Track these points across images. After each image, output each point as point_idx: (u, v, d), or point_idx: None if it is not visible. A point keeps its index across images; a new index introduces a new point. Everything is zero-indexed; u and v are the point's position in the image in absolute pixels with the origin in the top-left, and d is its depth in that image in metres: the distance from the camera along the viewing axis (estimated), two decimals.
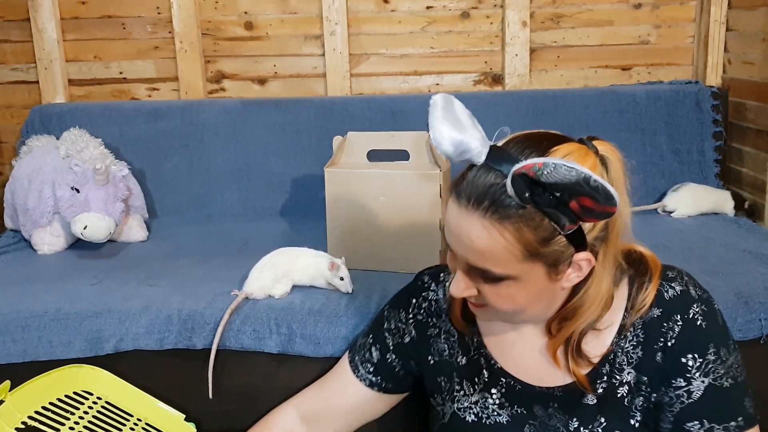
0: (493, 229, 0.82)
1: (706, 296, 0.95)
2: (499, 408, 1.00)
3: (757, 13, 2.01)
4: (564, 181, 0.76)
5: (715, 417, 0.92)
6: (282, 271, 1.50)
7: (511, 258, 0.83)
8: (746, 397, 0.93)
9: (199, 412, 1.39)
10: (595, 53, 2.29)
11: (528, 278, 0.85)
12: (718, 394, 0.91)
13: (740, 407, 0.92)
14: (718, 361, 0.92)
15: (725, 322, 0.95)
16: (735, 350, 0.94)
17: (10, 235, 2.02)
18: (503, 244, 0.83)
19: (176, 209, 2.17)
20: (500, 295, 0.88)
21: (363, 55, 2.31)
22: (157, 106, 2.22)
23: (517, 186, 0.79)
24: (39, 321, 1.43)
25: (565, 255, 0.84)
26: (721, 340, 0.93)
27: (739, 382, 0.93)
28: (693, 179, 2.08)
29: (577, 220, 0.81)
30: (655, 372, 0.93)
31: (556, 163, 0.75)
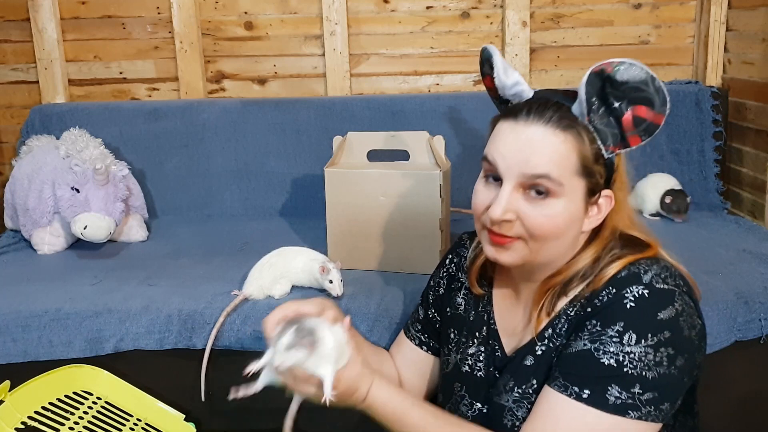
0: (556, 135, 0.90)
1: (664, 289, 0.88)
2: (483, 365, 1.04)
3: (757, 13, 2.01)
4: (634, 79, 0.87)
5: (566, 373, 0.88)
6: (280, 272, 1.50)
7: (567, 167, 0.90)
8: (618, 386, 0.85)
9: (199, 412, 1.39)
10: (595, 53, 2.29)
11: (570, 198, 0.91)
12: (587, 360, 0.87)
13: (599, 386, 0.85)
14: (615, 339, 0.86)
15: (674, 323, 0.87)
16: (654, 347, 0.85)
17: (10, 235, 2.02)
18: (565, 151, 0.90)
19: (176, 209, 2.17)
20: (543, 214, 0.90)
21: (363, 55, 2.31)
22: (157, 106, 2.22)
23: (589, 86, 0.89)
24: (39, 321, 1.43)
25: (600, 185, 0.92)
26: (638, 326, 0.86)
27: (624, 371, 0.85)
28: (693, 179, 2.08)
29: (620, 142, 0.91)
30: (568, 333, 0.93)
31: (631, 61, 0.87)
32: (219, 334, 1.41)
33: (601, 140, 0.90)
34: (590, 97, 0.89)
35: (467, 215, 1.85)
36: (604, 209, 0.94)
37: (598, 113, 0.90)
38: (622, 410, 0.84)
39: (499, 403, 0.97)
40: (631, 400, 0.84)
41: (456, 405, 1.07)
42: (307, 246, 1.59)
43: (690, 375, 0.89)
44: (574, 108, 0.91)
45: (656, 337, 0.86)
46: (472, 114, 2.11)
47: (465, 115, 2.10)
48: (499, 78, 0.98)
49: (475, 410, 1.03)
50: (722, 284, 1.44)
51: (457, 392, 1.07)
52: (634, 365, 0.85)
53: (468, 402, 1.05)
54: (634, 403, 0.84)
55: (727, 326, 1.38)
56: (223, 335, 1.41)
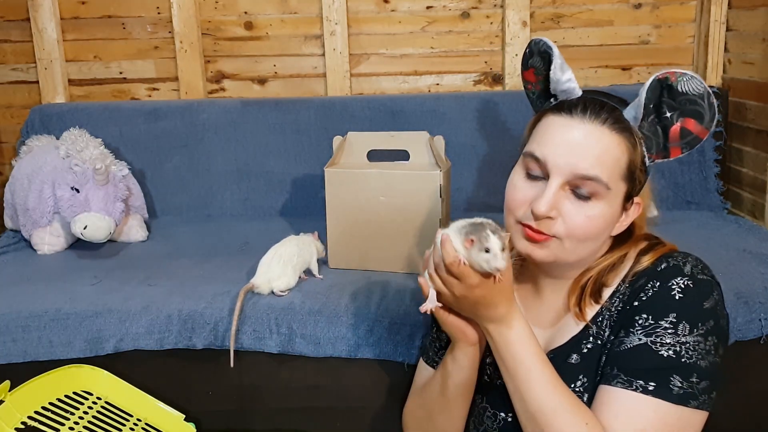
0: (611, 137, 0.91)
1: (705, 280, 0.91)
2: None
3: (757, 13, 2.01)
4: (693, 92, 0.90)
5: (627, 368, 0.88)
6: (285, 261, 1.51)
7: (615, 170, 0.91)
8: (679, 376, 0.86)
9: (199, 412, 1.39)
10: (595, 53, 2.29)
11: (612, 200, 0.92)
12: (647, 354, 0.87)
13: (662, 377, 0.86)
14: (670, 331, 0.87)
15: (716, 311, 0.90)
16: (704, 336, 0.87)
17: (10, 235, 2.02)
18: (616, 154, 0.91)
19: (176, 209, 2.17)
20: (585, 215, 0.91)
21: (363, 55, 2.31)
22: (157, 106, 2.22)
23: (651, 91, 0.91)
24: (39, 321, 1.43)
25: (636, 190, 0.94)
26: (690, 317, 0.88)
27: (682, 361, 0.86)
28: (693, 179, 2.08)
29: (662, 152, 0.93)
30: (615, 328, 0.93)
31: (693, 75, 0.90)
32: (219, 335, 1.41)
33: (647, 147, 0.93)
34: (648, 103, 0.91)
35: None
36: (632, 215, 0.96)
37: (649, 120, 0.92)
38: (685, 400, 0.86)
39: None
40: (690, 389, 0.86)
41: (480, 419, 1.05)
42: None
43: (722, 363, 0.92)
44: (626, 112, 0.92)
45: (705, 326, 0.88)
46: (472, 114, 2.11)
47: (465, 115, 2.10)
48: (555, 71, 0.96)
49: (500, 420, 1.01)
50: (722, 284, 1.43)
51: (478, 405, 1.05)
52: (690, 355, 0.87)
53: (491, 413, 1.02)
54: (693, 392, 0.86)
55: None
56: (222, 335, 1.41)
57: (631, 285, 0.94)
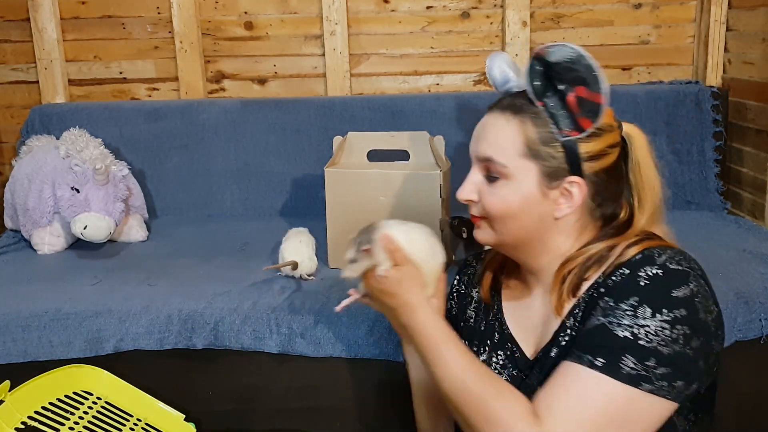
0: (505, 120, 0.96)
1: (679, 270, 0.88)
2: (501, 368, 1.04)
3: (757, 13, 2.01)
4: (565, 59, 0.92)
5: (581, 344, 0.88)
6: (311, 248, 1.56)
7: (512, 150, 0.95)
8: (633, 358, 0.84)
9: (199, 412, 1.39)
10: (595, 53, 2.24)
11: (521, 179, 0.95)
12: (603, 334, 0.86)
13: (614, 355, 0.85)
14: (629, 312, 0.86)
15: (690, 301, 0.86)
16: (670, 323, 0.85)
17: (10, 235, 2.02)
18: (509, 134, 0.95)
19: (176, 209, 2.17)
20: (495, 195, 0.97)
21: (363, 55, 2.31)
22: (157, 106, 2.22)
23: (532, 73, 0.94)
24: (39, 321, 1.43)
25: (560, 169, 0.94)
26: (653, 302, 0.85)
27: (638, 343, 0.84)
28: (693, 179, 2.08)
29: (574, 126, 0.92)
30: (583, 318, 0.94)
31: (562, 44, 0.92)
32: (219, 335, 1.41)
33: (555, 123, 0.93)
34: (533, 81, 0.94)
35: None
36: (576, 198, 0.95)
37: (550, 97, 0.94)
38: (636, 381, 0.84)
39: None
40: (645, 372, 0.84)
41: None
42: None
43: (707, 360, 0.88)
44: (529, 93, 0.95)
45: (672, 314, 0.85)
46: (472, 114, 2.09)
47: (465, 115, 2.10)
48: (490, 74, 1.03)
49: None
50: (722, 284, 1.44)
51: None
52: (650, 339, 0.84)
53: None
54: (648, 375, 0.84)
55: (728, 326, 1.36)
56: (222, 335, 1.41)
57: (609, 276, 0.93)
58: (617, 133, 0.97)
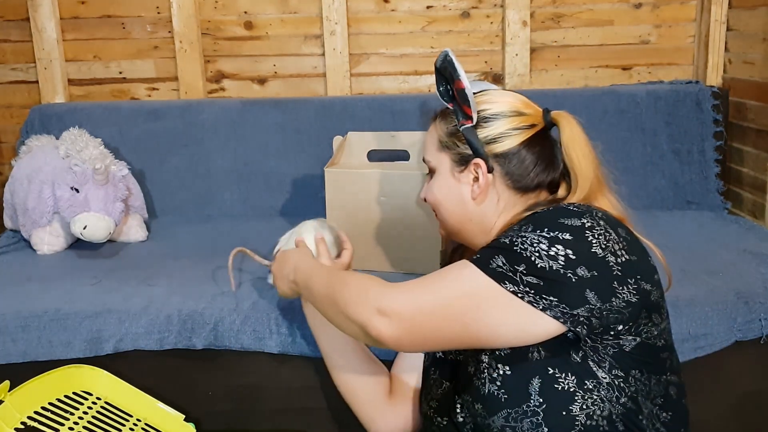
0: (432, 125, 1.13)
1: (572, 209, 0.91)
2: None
3: (757, 12, 2.01)
4: (439, 62, 1.06)
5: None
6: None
7: (431, 147, 1.11)
8: (503, 258, 0.87)
9: (199, 412, 1.39)
10: (595, 53, 2.29)
11: (440, 171, 1.09)
12: (488, 246, 0.93)
13: (488, 253, 0.89)
14: (514, 229, 0.92)
15: (582, 233, 0.88)
16: (549, 240, 0.87)
17: (9, 235, 2.02)
18: (430, 135, 1.12)
19: (176, 209, 2.17)
20: (428, 188, 1.12)
21: (363, 55, 2.31)
22: (157, 106, 2.22)
23: (437, 81, 1.09)
24: (39, 321, 1.43)
25: (465, 155, 1.05)
26: (537, 222, 0.90)
27: (514, 249, 0.87)
28: (693, 179, 2.08)
29: (464, 116, 1.04)
30: None
31: (444, 50, 1.05)
32: (219, 335, 1.41)
33: (456, 117, 1.07)
34: (439, 87, 1.10)
35: None
36: (482, 178, 1.04)
37: (451, 96, 1.08)
38: (500, 277, 0.86)
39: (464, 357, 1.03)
40: (511, 273, 0.86)
41: (430, 388, 1.12)
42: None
43: (604, 299, 0.86)
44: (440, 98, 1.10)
45: (553, 233, 0.88)
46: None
47: None
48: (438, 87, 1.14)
49: (444, 388, 1.08)
50: (722, 284, 1.44)
51: (431, 376, 1.13)
52: (525, 247, 0.87)
53: (438, 381, 1.10)
54: (514, 278, 0.86)
55: (727, 326, 1.38)
56: (222, 335, 1.41)
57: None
58: (529, 117, 1.04)
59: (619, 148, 2.04)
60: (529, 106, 1.07)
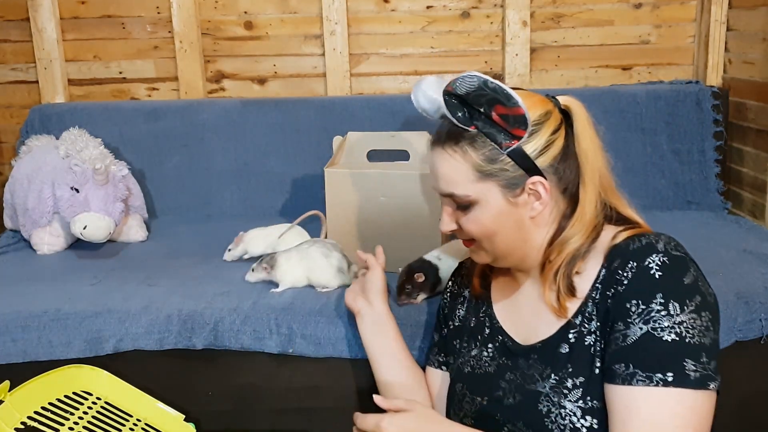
0: (448, 154, 0.99)
1: (678, 255, 0.92)
2: (490, 360, 1.06)
3: (757, 12, 2.01)
4: (471, 89, 0.92)
5: (642, 364, 0.88)
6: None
7: (466, 179, 0.98)
8: (691, 359, 0.86)
9: (199, 412, 1.39)
10: (595, 53, 2.29)
11: (486, 200, 0.98)
12: (654, 344, 0.88)
13: (675, 364, 0.86)
14: (663, 313, 0.88)
15: (698, 287, 0.90)
16: (696, 312, 0.88)
17: (9, 235, 2.02)
18: (457, 167, 0.98)
19: (176, 209, 2.17)
20: (470, 221, 1.00)
21: (363, 55, 2.31)
22: (157, 106, 2.22)
23: (450, 107, 0.96)
24: (39, 321, 1.43)
25: (517, 177, 0.97)
26: (675, 294, 0.88)
27: (686, 341, 0.86)
28: (693, 179, 2.08)
29: (510, 137, 0.95)
30: (605, 317, 0.94)
31: (464, 75, 0.92)
32: (219, 335, 1.41)
33: (492, 141, 0.96)
34: (456, 114, 0.96)
35: None
36: (544, 194, 0.97)
37: (479, 120, 0.96)
38: (704, 383, 0.86)
39: (534, 389, 0.98)
40: (704, 370, 0.86)
41: (459, 404, 1.09)
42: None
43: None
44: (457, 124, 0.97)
45: (693, 302, 0.89)
46: None
47: None
48: (419, 105, 1.06)
49: (477, 404, 1.05)
50: (722, 284, 1.44)
51: (458, 392, 1.10)
52: (692, 334, 0.87)
53: (469, 398, 1.07)
54: (708, 373, 0.86)
55: (728, 326, 1.38)
56: (222, 335, 1.41)
57: (608, 267, 0.95)
58: (556, 114, 0.98)
59: (619, 148, 2.04)
60: (543, 100, 1.00)
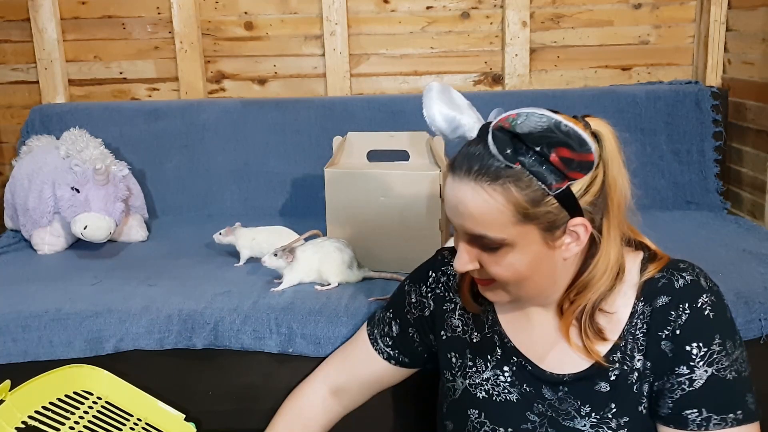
0: (484, 191, 0.86)
1: (717, 289, 0.95)
2: (510, 386, 1.01)
3: (757, 13, 2.01)
4: (537, 129, 0.81)
5: (714, 407, 0.91)
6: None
7: (504, 221, 0.86)
8: (748, 393, 0.92)
9: (199, 412, 1.39)
10: (595, 53, 2.29)
11: (524, 243, 0.87)
12: (720, 385, 0.91)
13: (741, 401, 0.91)
14: (723, 353, 0.91)
15: (732, 317, 0.95)
16: (741, 345, 0.94)
17: (10, 235, 2.02)
18: (495, 207, 0.86)
19: (176, 209, 2.17)
20: (500, 264, 0.89)
21: (363, 55, 2.31)
22: (157, 106, 2.22)
23: (498, 143, 0.84)
24: (39, 321, 1.43)
25: (559, 219, 0.87)
26: (727, 332, 0.92)
27: (742, 376, 0.92)
28: (692, 179, 2.08)
29: (563, 178, 0.84)
30: (660, 359, 0.93)
31: (528, 112, 0.81)
32: (219, 335, 1.41)
33: (541, 181, 0.84)
34: (504, 150, 0.84)
35: None
36: (583, 235, 0.89)
37: (526, 157, 0.84)
38: (759, 414, 0.92)
39: (572, 427, 0.96)
40: (756, 402, 0.92)
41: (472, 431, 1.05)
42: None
43: None
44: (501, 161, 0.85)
45: (737, 336, 0.94)
46: None
47: None
48: (433, 125, 0.96)
49: None
50: (722, 284, 1.42)
51: (474, 419, 1.03)
52: (744, 368, 0.93)
53: (489, 428, 1.01)
54: (756, 404, 0.92)
55: None
56: (222, 335, 1.41)
57: (650, 304, 0.94)
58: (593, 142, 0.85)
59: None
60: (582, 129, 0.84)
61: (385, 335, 1.18)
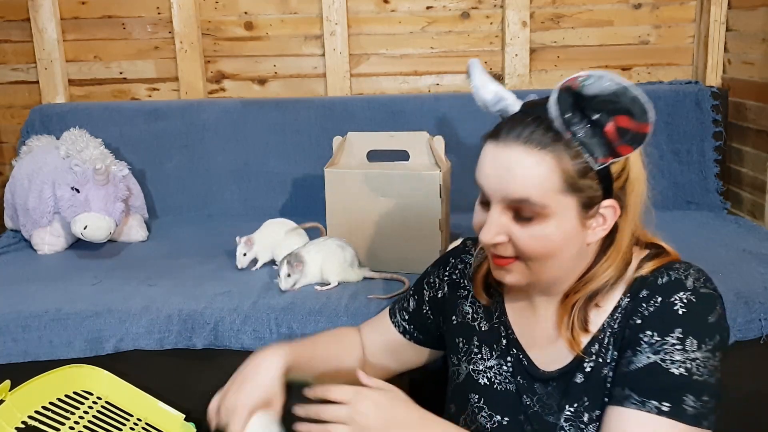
0: (535, 154, 0.86)
1: (706, 292, 0.89)
2: (511, 376, 1.02)
3: (757, 13, 2.01)
4: (605, 92, 0.81)
5: (638, 389, 0.86)
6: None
7: (549, 187, 0.86)
8: (692, 395, 0.84)
9: (200, 412, 1.39)
10: (595, 53, 2.29)
11: (561, 216, 0.88)
12: (658, 374, 0.85)
13: (676, 397, 0.84)
14: (678, 347, 0.85)
15: (718, 323, 0.88)
16: (712, 351, 0.86)
17: (10, 235, 2.02)
18: (544, 170, 0.86)
19: (176, 209, 2.18)
20: (533, 236, 0.89)
21: (363, 55, 2.31)
22: (158, 106, 2.22)
23: (562, 104, 0.84)
24: (39, 321, 1.43)
25: (596, 197, 0.88)
26: (696, 332, 0.86)
27: (695, 379, 0.84)
28: (692, 179, 2.08)
29: (610, 153, 0.85)
30: (621, 348, 0.91)
31: (601, 74, 0.81)
32: (219, 335, 1.41)
33: (589, 153, 0.85)
34: (564, 113, 0.85)
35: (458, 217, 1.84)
36: (610, 219, 0.90)
37: (580, 125, 0.85)
38: (699, 420, 0.84)
39: (549, 421, 0.96)
40: (703, 408, 0.84)
41: (473, 416, 1.05)
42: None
43: None
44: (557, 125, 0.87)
45: (712, 342, 0.86)
46: (472, 114, 2.08)
47: (465, 115, 2.10)
48: (478, 95, 0.97)
49: (495, 422, 1.02)
50: (722, 284, 1.42)
51: (474, 404, 1.05)
52: (701, 372, 0.85)
53: (487, 414, 1.03)
54: (705, 411, 0.84)
55: None
56: (222, 335, 1.41)
57: (633, 296, 0.92)
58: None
59: None
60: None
61: (403, 309, 1.20)
